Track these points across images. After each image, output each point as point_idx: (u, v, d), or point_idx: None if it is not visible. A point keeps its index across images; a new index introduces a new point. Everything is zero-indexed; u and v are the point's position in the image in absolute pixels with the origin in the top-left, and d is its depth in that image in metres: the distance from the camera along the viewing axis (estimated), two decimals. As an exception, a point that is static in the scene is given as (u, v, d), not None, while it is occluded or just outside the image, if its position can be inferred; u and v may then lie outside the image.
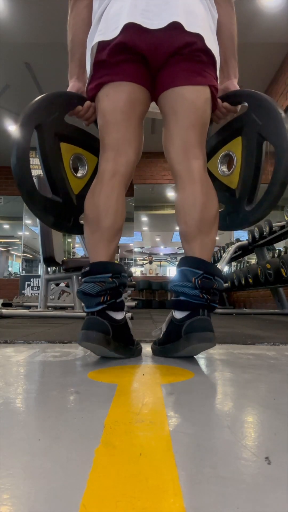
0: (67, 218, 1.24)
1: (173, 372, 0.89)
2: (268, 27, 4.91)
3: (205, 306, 1.01)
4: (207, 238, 1.07)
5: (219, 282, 1.05)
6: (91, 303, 1.01)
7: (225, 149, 1.30)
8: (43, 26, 4.91)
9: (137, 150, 1.15)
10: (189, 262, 1.05)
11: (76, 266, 3.39)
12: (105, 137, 1.13)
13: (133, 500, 0.32)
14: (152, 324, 2.59)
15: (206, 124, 1.15)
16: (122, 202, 1.10)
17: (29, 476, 0.37)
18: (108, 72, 1.10)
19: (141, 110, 1.15)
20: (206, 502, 0.32)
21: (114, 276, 1.02)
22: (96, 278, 1.01)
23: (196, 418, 0.55)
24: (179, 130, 1.11)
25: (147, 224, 11.40)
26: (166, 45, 1.07)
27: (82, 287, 1.02)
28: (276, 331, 2.04)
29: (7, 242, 11.77)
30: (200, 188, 1.08)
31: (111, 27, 1.08)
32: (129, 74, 1.09)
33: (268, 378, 0.84)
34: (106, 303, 1.00)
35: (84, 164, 1.29)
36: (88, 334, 0.96)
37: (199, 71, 1.10)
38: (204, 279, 1.01)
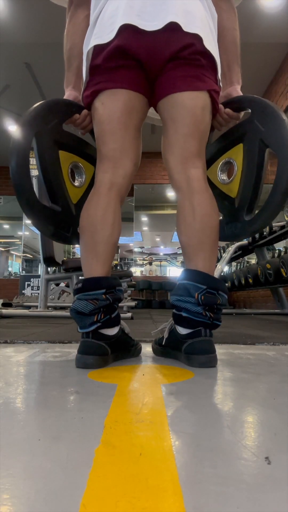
0: (66, 228, 1.20)
1: (173, 372, 0.89)
2: (268, 27, 4.91)
3: (208, 325, 0.98)
4: (209, 250, 1.04)
5: (223, 297, 1.01)
6: (85, 323, 0.97)
7: (226, 157, 1.27)
8: (43, 26, 4.91)
9: (135, 161, 1.12)
10: (192, 276, 1.01)
11: (76, 266, 3.39)
12: (102, 148, 1.09)
13: (133, 500, 0.32)
14: (152, 324, 2.59)
15: (205, 132, 1.11)
16: (118, 215, 1.07)
17: (29, 476, 0.37)
18: (103, 79, 1.06)
19: (139, 118, 1.11)
20: (206, 502, 0.32)
21: (108, 291, 0.99)
22: (89, 296, 0.97)
23: (196, 418, 0.55)
24: (178, 138, 1.08)
25: (147, 224, 11.40)
26: (163, 48, 1.03)
27: (74, 305, 0.98)
28: (276, 331, 2.04)
29: (7, 242, 11.77)
30: (200, 199, 1.05)
31: (106, 30, 1.04)
32: (125, 81, 1.05)
33: (268, 378, 0.84)
34: (100, 322, 0.97)
35: (82, 173, 1.26)
36: (85, 359, 0.94)
37: (198, 75, 1.06)
38: (207, 295, 0.98)
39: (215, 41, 1.12)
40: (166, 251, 12.35)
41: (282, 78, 5.60)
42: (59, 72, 1.26)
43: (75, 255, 10.11)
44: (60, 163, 1.18)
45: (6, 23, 4.93)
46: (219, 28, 1.16)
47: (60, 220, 1.18)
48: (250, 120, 1.17)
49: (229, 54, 1.21)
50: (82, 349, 0.96)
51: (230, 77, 1.24)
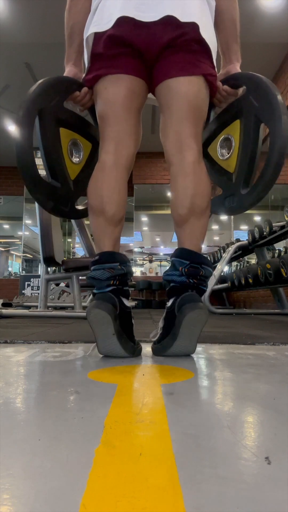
0: (64, 203, 1.25)
1: (173, 372, 0.89)
2: (268, 27, 4.91)
3: (194, 287, 1.05)
4: (197, 222, 1.11)
5: (206, 270, 1.09)
6: (102, 285, 1.05)
7: (225, 133, 1.30)
8: (43, 26, 4.91)
9: (137, 142, 1.18)
10: (177, 253, 1.10)
11: (76, 266, 3.39)
12: (105, 129, 1.15)
13: (133, 500, 0.32)
14: (152, 324, 2.59)
15: (200, 115, 1.15)
16: (124, 193, 1.14)
17: (29, 476, 0.37)
18: (105, 65, 1.12)
19: (140, 102, 1.18)
20: (206, 502, 0.32)
21: (122, 265, 1.07)
22: (105, 266, 1.06)
23: (196, 418, 0.55)
24: (173, 122, 1.13)
25: (147, 224, 11.40)
26: (159, 37, 1.08)
27: (92, 274, 1.07)
28: (276, 331, 2.04)
29: (7, 242, 11.77)
30: (192, 179, 1.10)
31: (105, 19, 1.09)
32: (127, 67, 1.11)
33: (268, 378, 0.84)
34: (115, 286, 1.05)
35: (80, 149, 1.30)
36: (98, 303, 0.98)
37: (192, 61, 1.10)
38: (190, 268, 1.06)
39: (212, 28, 1.16)
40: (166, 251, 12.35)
41: (282, 78, 5.60)
42: (59, 72, 1.27)
43: (75, 255, 10.11)
44: (61, 140, 1.23)
45: (6, 23, 4.93)
46: (218, 7, 1.20)
47: (60, 196, 1.24)
48: (245, 97, 1.21)
49: (228, 33, 1.24)
50: (96, 298, 1.02)
51: (229, 55, 1.28)
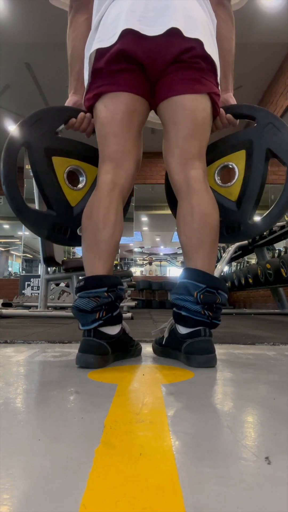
0: (62, 231, 1.23)
1: (173, 372, 0.89)
2: (268, 27, 4.91)
3: (207, 324, 0.99)
4: (209, 249, 1.05)
5: (223, 296, 1.02)
6: (87, 321, 0.97)
7: (225, 161, 1.30)
8: (43, 26, 4.91)
9: (137, 162, 1.14)
10: (191, 275, 1.02)
11: (76, 266, 3.39)
12: (104, 149, 1.11)
13: (133, 500, 0.32)
14: (152, 324, 2.59)
15: (206, 133, 1.12)
16: (120, 215, 1.08)
17: (29, 476, 0.37)
18: (105, 82, 1.08)
19: (140, 120, 1.13)
20: (206, 502, 0.32)
21: (110, 290, 0.99)
22: (90, 293, 0.98)
23: (196, 418, 0.55)
24: (178, 140, 1.09)
25: (147, 224, 11.40)
26: (164, 52, 1.04)
27: (76, 303, 0.99)
28: (276, 331, 2.04)
29: (7, 242, 11.77)
30: (199, 199, 1.06)
31: (108, 34, 1.06)
32: (127, 84, 1.07)
33: (268, 378, 0.84)
34: (102, 319, 0.97)
35: (83, 175, 1.28)
36: (86, 358, 0.94)
37: (198, 78, 1.07)
38: (206, 293, 0.98)
39: (215, 45, 1.14)
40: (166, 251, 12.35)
41: (282, 78, 5.60)
42: (59, 72, 1.28)
43: (75, 255, 10.11)
44: (54, 169, 1.22)
45: (6, 23, 4.93)
46: (217, 36, 1.18)
47: (55, 224, 1.22)
48: (257, 129, 1.23)
49: (225, 63, 1.24)
50: (83, 348, 0.96)
51: (225, 84, 1.28)
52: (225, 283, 1.05)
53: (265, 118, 1.22)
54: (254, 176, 1.24)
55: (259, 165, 1.23)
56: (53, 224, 1.22)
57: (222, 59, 1.19)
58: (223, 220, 1.26)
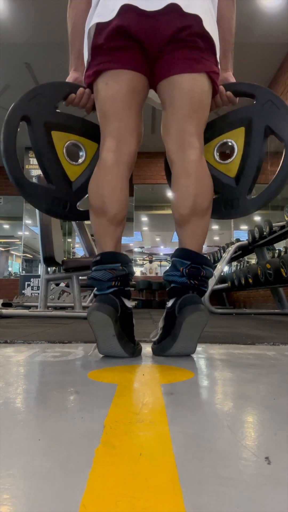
0: (62, 205, 1.26)
1: (173, 372, 0.89)
2: (268, 27, 4.91)
3: (194, 288, 1.05)
4: (199, 222, 1.09)
5: (207, 270, 1.08)
6: (103, 286, 1.04)
7: (224, 138, 1.32)
8: (43, 26, 4.91)
9: (138, 139, 1.16)
10: (178, 253, 1.09)
11: (76, 266, 3.39)
12: (106, 126, 1.13)
13: (133, 500, 0.32)
14: (152, 324, 2.59)
15: (204, 113, 1.14)
16: (126, 191, 1.12)
17: (29, 476, 0.37)
18: (106, 59, 1.09)
19: (141, 98, 1.15)
20: (206, 502, 0.32)
21: (123, 265, 1.06)
22: (106, 267, 1.04)
23: (196, 418, 0.55)
24: (176, 120, 1.11)
25: (147, 224, 11.40)
26: (163, 29, 1.06)
27: (93, 275, 1.06)
28: (276, 331, 2.04)
29: (7, 242, 11.77)
30: (194, 179, 1.09)
31: (108, 9, 1.07)
32: (128, 61, 1.09)
33: (268, 378, 0.84)
34: (117, 287, 1.04)
35: (82, 150, 1.30)
36: (99, 306, 0.98)
37: (197, 57, 1.09)
38: (191, 269, 1.05)
39: (214, 23, 1.14)
40: (166, 251, 12.35)
41: (282, 78, 5.60)
42: (59, 72, 1.28)
43: (75, 255, 10.11)
44: (54, 143, 1.24)
45: (6, 23, 4.93)
46: (217, 14, 1.19)
47: (54, 198, 1.25)
48: (256, 107, 1.25)
49: (225, 42, 1.25)
50: (97, 300, 1.01)
51: (225, 63, 1.29)
52: (209, 259, 1.12)
53: (265, 95, 1.24)
54: (253, 152, 1.26)
55: (258, 142, 1.25)
56: (53, 198, 1.24)
57: (221, 38, 1.21)
58: (221, 196, 1.30)
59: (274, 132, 1.22)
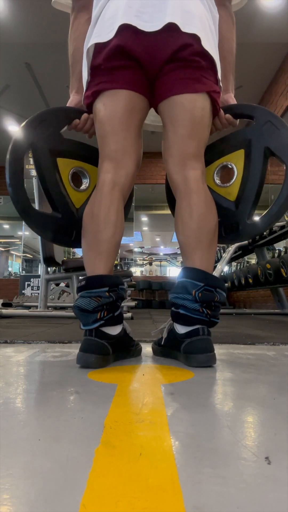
0: (68, 233, 1.22)
1: (173, 372, 0.89)
2: (268, 27, 4.90)
3: (206, 322, 0.99)
4: (207, 249, 1.05)
5: (221, 295, 1.01)
6: (88, 320, 0.97)
7: (224, 160, 1.29)
8: (43, 26, 4.90)
9: (137, 161, 1.13)
10: (189, 274, 1.02)
11: (76, 266, 3.39)
12: (104, 148, 1.10)
13: (133, 500, 0.32)
14: (152, 324, 2.59)
15: (205, 133, 1.12)
16: (121, 214, 1.07)
17: (29, 476, 0.37)
18: (104, 79, 1.07)
19: (139, 118, 1.12)
20: (206, 502, 0.32)
21: (111, 290, 0.99)
22: (92, 293, 0.98)
23: (196, 418, 0.55)
24: (177, 140, 1.09)
25: (147, 224, 11.40)
26: (162, 49, 1.03)
27: (78, 303, 0.99)
28: (276, 331, 2.04)
29: (7, 242, 11.77)
30: (197, 199, 1.06)
31: (106, 30, 1.05)
32: (126, 81, 1.06)
33: (268, 378, 0.84)
34: (103, 319, 0.97)
35: (86, 177, 1.27)
36: (86, 357, 0.94)
37: (197, 77, 1.06)
38: (205, 292, 0.98)
39: (215, 41, 1.12)
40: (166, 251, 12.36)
41: (282, 78, 5.60)
42: (59, 72, 1.28)
43: (75, 255, 10.12)
44: (59, 170, 1.21)
45: (6, 23, 4.93)
46: (218, 36, 1.17)
47: (60, 226, 1.20)
48: (255, 128, 1.22)
49: (226, 63, 1.23)
50: (84, 347, 0.96)
51: (225, 84, 1.27)
52: (223, 282, 1.05)
53: (264, 116, 1.22)
54: (253, 175, 1.22)
55: (257, 164, 1.21)
56: (59, 226, 1.20)
57: (222, 60, 1.18)
58: (221, 220, 1.24)
59: (274, 153, 1.19)
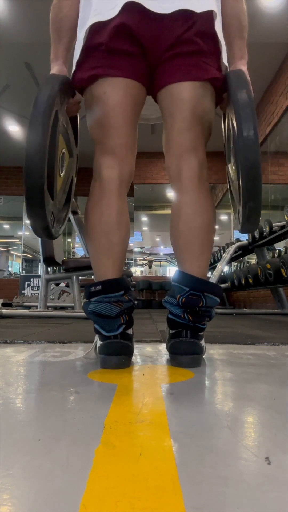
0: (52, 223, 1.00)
1: (173, 372, 0.89)
2: (268, 27, 4.90)
3: (189, 327, 0.97)
4: (197, 250, 1.00)
5: (210, 299, 0.97)
6: (113, 326, 0.95)
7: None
8: (43, 26, 4.88)
9: (135, 157, 1.08)
10: (177, 277, 1.01)
11: (76, 266, 3.39)
12: (105, 141, 1.02)
13: (133, 500, 0.32)
14: (152, 324, 2.59)
15: (205, 124, 1.04)
16: (128, 214, 1.04)
17: (29, 476, 0.37)
18: (104, 63, 0.97)
19: (139, 110, 1.06)
20: (206, 502, 0.32)
21: (127, 293, 0.98)
22: (110, 298, 0.95)
23: (196, 418, 0.55)
24: (174, 134, 1.03)
25: (147, 224, 11.40)
26: (167, 34, 0.95)
27: (95, 308, 0.95)
28: (276, 331, 2.04)
29: (7, 242, 11.77)
30: (189, 199, 1.01)
31: (107, 6, 0.95)
32: (130, 70, 0.98)
33: (268, 378, 0.84)
34: (125, 323, 0.96)
35: (64, 160, 1.09)
36: (117, 360, 0.92)
37: (198, 63, 0.98)
38: (190, 297, 0.96)
39: (220, 23, 1.04)
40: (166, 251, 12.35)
41: (282, 78, 5.60)
42: (59, 73, 1.25)
43: (75, 255, 10.11)
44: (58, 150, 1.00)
45: (6, 23, 4.93)
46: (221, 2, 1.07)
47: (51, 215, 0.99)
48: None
49: (230, 28, 1.11)
50: (109, 351, 0.93)
51: (232, 53, 1.14)
52: (216, 285, 1.00)
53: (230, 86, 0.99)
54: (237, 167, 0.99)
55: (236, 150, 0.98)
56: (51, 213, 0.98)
57: (226, 26, 1.09)
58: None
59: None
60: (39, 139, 0.86)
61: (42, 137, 0.86)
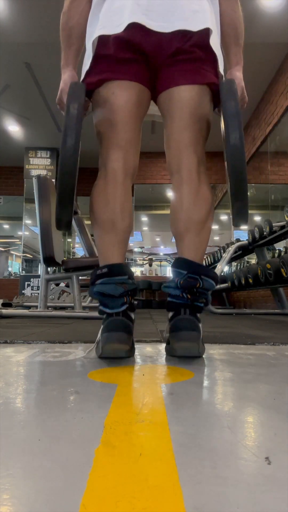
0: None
1: (173, 372, 0.89)
2: (268, 27, 4.90)
3: (187, 305, 1.02)
4: (194, 239, 1.08)
5: (206, 281, 1.04)
6: (117, 303, 1.01)
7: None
8: (43, 26, 4.90)
9: (139, 153, 1.17)
10: (175, 263, 1.08)
11: (76, 266, 3.39)
12: (112, 136, 1.11)
13: (133, 500, 0.32)
14: (152, 324, 2.59)
15: (203, 124, 1.13)
16: (132, 204, 1.14)
17: (29, 476, 0.37)
18: (112, 69, 1.09)
19: (144, 111, 1.16)
20: (206, 502, 0.32)
21: (130, 278, 1.04)
22: (115, 280, 1.02)
23: (196, 418, 0.55)
24: (174, 132, 1.12)
25: (147, 224, 11.40)
26: (168, 46, 1.06)
27: (100, 289, 1.01)
28: (276, 331, 2.04)
29: (7, 242, 11.77)
30: (188, 190, 1.08)
31: (114, 23, 1.06)
32: (136, 74, 1.09)
33: (268, 378, 0.84)
34: (128, 303, 1.02)
35: None
36: (119, 336, 0.95)
37: (196, 69, 1.08)
38: (188, 279, 1.02)
39: (218, 35, 1.14)
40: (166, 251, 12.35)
41: (282, 78, 5.59)
42: (59, 72, 1.26)
43: (75, 255, 10.11)
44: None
45: (6, 23, 4.93)
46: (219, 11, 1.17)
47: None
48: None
49: (227, 37, 1.21)
50: (111, 327, 0.97)
51: (229, 59, 1.25)
52: (210, 270, 1.07)
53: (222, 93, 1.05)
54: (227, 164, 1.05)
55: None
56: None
57: (223, 33, 1.18)
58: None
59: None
60: (73, 143, 0.99)
61: (75, 141, 0.99)
